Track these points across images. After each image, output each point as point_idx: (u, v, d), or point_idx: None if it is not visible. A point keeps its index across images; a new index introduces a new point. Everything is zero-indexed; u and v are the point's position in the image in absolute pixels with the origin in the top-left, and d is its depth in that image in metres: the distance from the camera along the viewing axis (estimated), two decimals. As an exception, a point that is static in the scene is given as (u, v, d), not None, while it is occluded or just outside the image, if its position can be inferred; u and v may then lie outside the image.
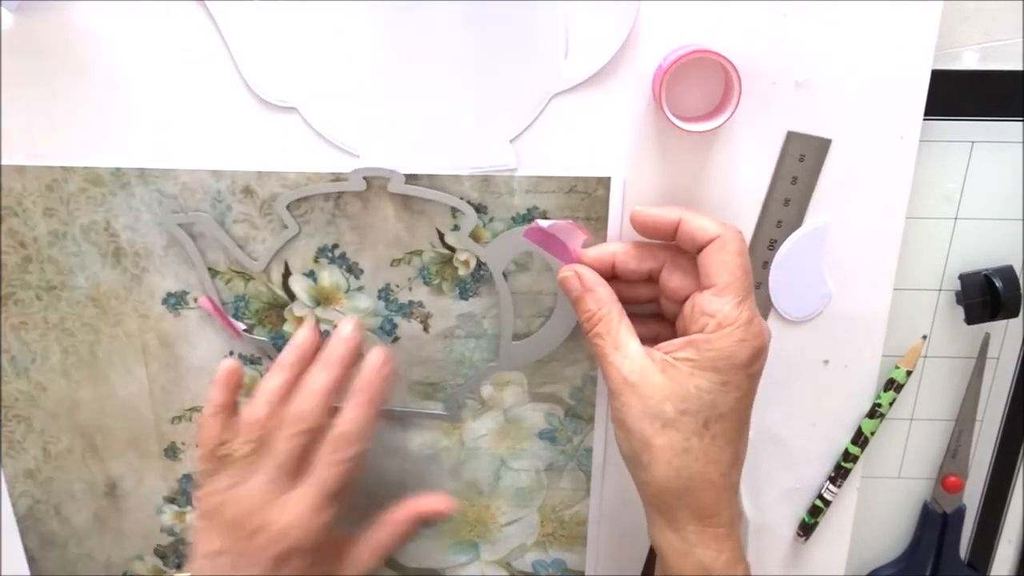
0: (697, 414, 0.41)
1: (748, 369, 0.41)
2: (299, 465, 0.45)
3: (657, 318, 0.47)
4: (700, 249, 0.42)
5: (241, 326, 0.50)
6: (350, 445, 0.45)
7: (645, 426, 0.41)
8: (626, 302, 0.44)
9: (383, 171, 0.46)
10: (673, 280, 0.44)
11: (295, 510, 0.44)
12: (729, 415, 0.41)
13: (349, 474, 0.45)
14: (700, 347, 0.41)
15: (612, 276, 0.45)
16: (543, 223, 0.46)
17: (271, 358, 0.52)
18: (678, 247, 0.44)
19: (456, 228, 0.48)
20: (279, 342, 0.51)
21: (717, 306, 0.41)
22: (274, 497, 0.44)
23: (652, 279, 0.45)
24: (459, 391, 0.51)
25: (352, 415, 0.45)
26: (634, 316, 0.44)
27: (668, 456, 0.41)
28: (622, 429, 0.42)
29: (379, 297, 0.50)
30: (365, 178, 0.47)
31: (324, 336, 0.50)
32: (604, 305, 0.43)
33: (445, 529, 0.56)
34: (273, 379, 0.46)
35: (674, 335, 0.45)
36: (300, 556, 0.44)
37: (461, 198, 0.47)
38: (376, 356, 0.47)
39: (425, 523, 0.51)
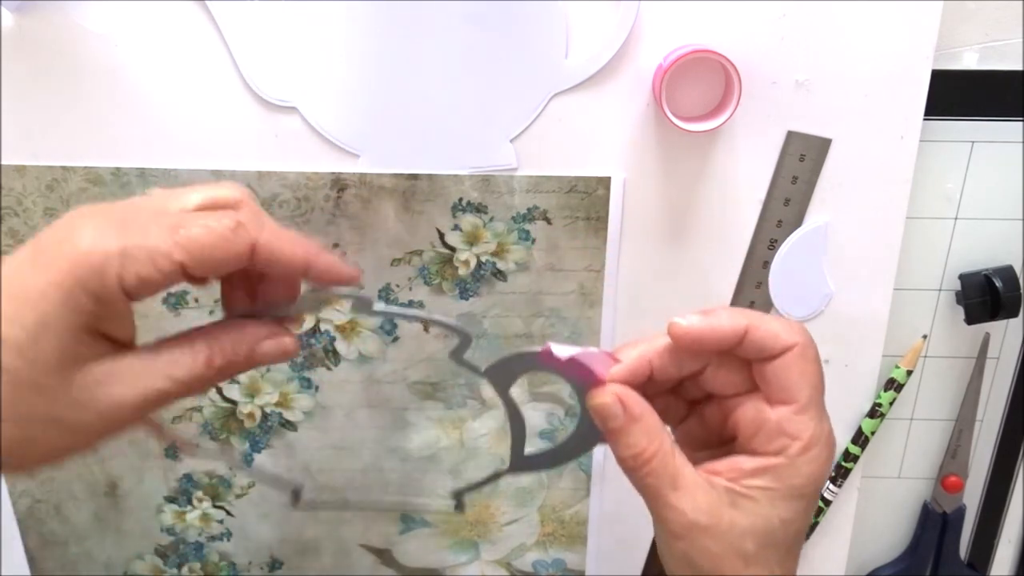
0: (780, 545, 0.35)
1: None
2: None
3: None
4: (771, 358, 0.34)
5: (191, 441, 0.42)
6: None
7: (725, 567, 0.35)
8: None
9: (357, 295, 0.36)
10: (719, 380, 0.36)
11: None
12: (805, 530, 0.36)
13: None
14: (782, 474, 0.34)
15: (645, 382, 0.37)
16: (563, 351, 0.35)
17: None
18: None
19: (456, 228, 0.48)
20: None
21: (801, 426, 0.34)
22: None
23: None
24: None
25: None
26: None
27: None
28: (691, 569, 0.35)
29: (379, 297, 0.50)
30: (365, 177, 0.47)
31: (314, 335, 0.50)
32: (656, 437, 0.34)
33: (445, 529, 0.56)
34: None
35: (683, 406, 0.38)
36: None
37: (461, 198, 0.47)
38: None
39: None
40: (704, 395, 0.37)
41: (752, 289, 0.49)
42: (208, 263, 0.32)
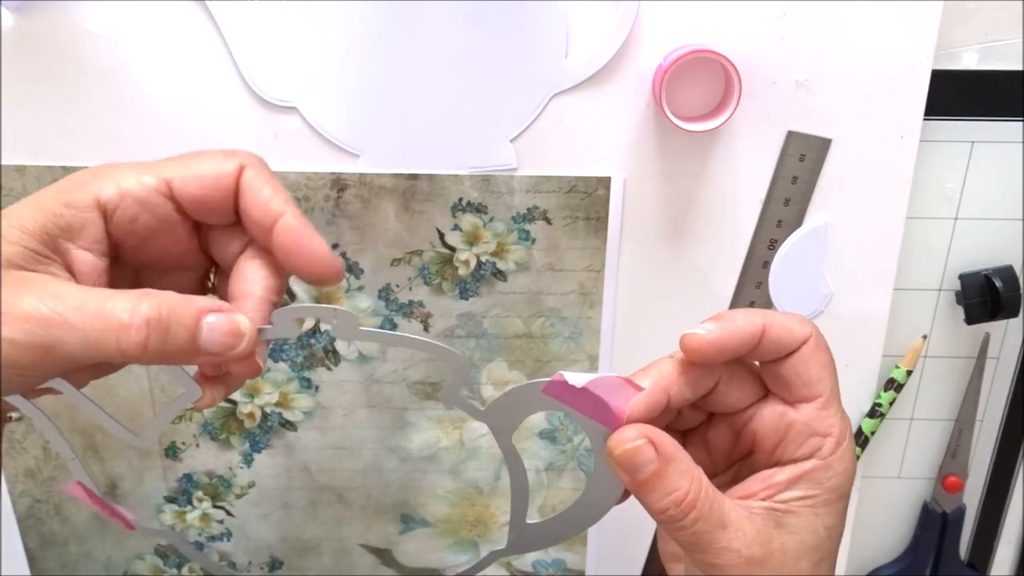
0: (829, 555, 0.33)
1: None
2: None
3: None
4: (788, 355, 0.32)
5: (131, 516, 0.36)
6: None
7: None
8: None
9: (335, 311, 0.31)
10: (732, 394, 0.33)
11: None
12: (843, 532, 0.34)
13: None
14: (819, 477, 0.32)
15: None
16: (576, 378, 0.31)
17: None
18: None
19: (456, 228, 0.48)
20: (278, 341, 0.51)
21: (830, 421, 0.32)
22: None
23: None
24: None
25: None
26: None
27: None
28: None
29: (379, 297, 0.50)
30: (365, 177, 0.47)
31: (323, 335, 0.50)
32: (695, 475, 0.31)
33: (445, 529, 0.56)
34: None
35: (677, 437, 0.34)
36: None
37: (461, 198, 0.47)
38: None
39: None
40: (704, 418, 0.35)
41: (752, 289, 0.49)
42: (196, 180, 0.31)
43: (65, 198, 0.31)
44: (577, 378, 0.31)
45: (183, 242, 0.33)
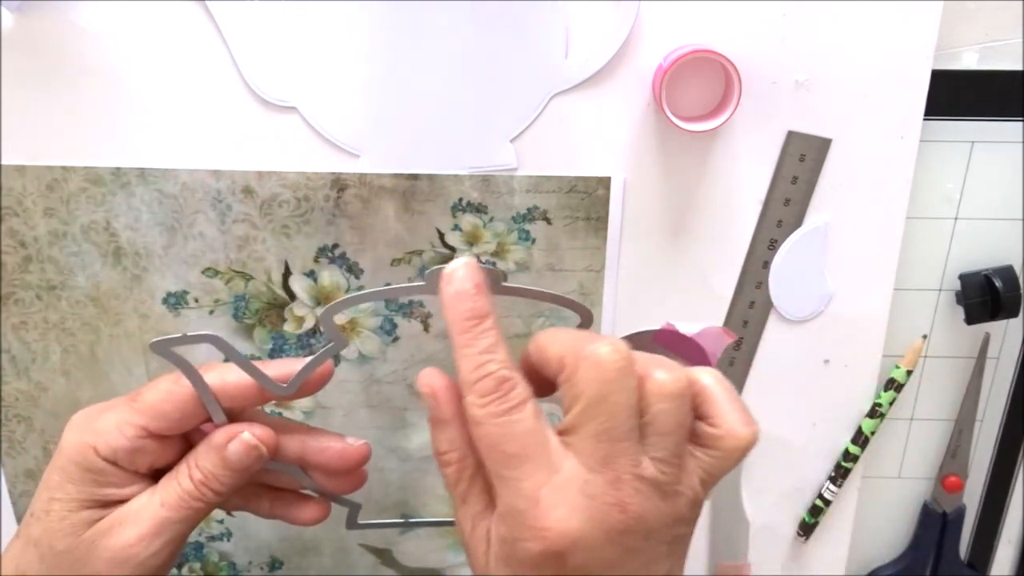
0: None
1: None
2: None
3: None
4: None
5: None
6: None
7: None
8: None
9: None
10: None
11: None
12: None
13: None
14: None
15: None
16: (685, 328, 0.38)
17: None
18: None
19: (456, 228, 0.48)
20: (279, 341, 0.51)
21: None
22: None
23: None
24: None
25: None
26: None
27: None
28: None
29: (379, 297, 0.50)
30: (365, 177, 0.47)
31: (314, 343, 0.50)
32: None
33: (445, 529, 0.56)
34: None
35: None
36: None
37: (461, 198, 0.47)
38: None
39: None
40: None
41: (752, 289, 0.49)
42: (164, 418, 0.36)
43: (81, 464, 0.36)
44: (687, 327, 0.38)
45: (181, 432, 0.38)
